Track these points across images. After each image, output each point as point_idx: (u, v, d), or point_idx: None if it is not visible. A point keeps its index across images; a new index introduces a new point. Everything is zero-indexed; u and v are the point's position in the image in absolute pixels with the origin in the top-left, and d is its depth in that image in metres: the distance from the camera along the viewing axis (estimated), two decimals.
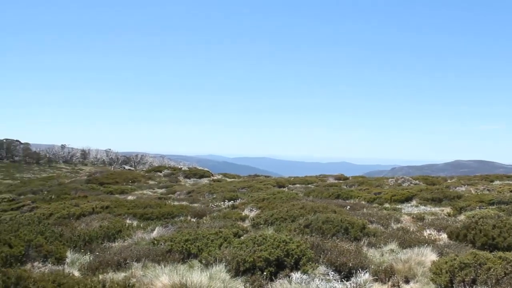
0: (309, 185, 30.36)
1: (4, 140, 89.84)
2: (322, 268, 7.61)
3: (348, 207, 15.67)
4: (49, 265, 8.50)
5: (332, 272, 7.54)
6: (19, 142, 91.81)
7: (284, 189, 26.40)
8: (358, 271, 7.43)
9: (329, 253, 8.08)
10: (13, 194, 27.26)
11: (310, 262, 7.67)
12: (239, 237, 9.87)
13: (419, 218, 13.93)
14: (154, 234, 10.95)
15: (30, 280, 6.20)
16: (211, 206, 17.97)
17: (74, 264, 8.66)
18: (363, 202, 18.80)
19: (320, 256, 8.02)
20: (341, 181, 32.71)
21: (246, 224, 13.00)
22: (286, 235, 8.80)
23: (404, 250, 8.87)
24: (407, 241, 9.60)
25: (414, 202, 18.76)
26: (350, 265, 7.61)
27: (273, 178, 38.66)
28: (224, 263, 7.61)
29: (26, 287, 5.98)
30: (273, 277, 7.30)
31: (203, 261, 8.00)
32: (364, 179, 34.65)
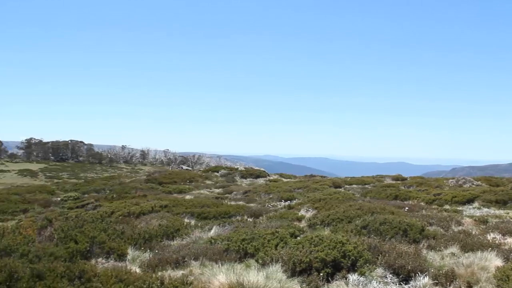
0: (366, 186, 29.89)
1: (70, 141, 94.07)
2: (379, 270, 7.48)
3: (406, 208, 15.33)
4: (112, 261, 8.82)
5: (390, 275, 7.40)
6: (83, 143, 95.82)
7: (341, 189, 26.13)
8: (417, 274, 7.25)
9: (387, 255, 7.93)
10: (78, 192, 28.46)
11: (367, 264, 7.57)
12: (296, 237, 9.85)
13: (482, 221, 13.41)
14: (212, 233, 11.11)
15: (93, 274, 6.47)
16: (267, 206, 18.04)
17: (134, 261, 8.92)
18: (422, 203, 18.32)
19: (377, 258, 7.89)
20: (398, 182, 32.01)
21: (303, 224, 12.97)
22: (343, 236, 8.73)
23: (466, 254, 8.57)
24: (469, 244, 9.27)
25: (476, 204, 18.09)
26: (409, 268, 7.44)
27: (329, 178, 38.28)
28: (280, 263, 7.63)
29: (89, 280, 6.24)
30: (329, 278, 7.26)
31: (260, 261, 8.05)
32: (422, 179, 33.75)
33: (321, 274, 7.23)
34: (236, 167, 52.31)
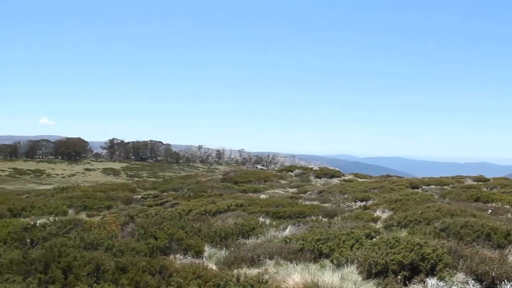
0: (445, 187, 28.74)
1: (149, 142, 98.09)
2: (460, 276, 7.18)
3: (489, 211, 14.60)
4: (189, 257, 9.09)
5: (472, 281, 7.07)
6: (161, 143, 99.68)
7: (418, 190, 25.32)
8: (503, 282, 6.87)
9: (468, 260, 7.59)
10: (157, 191, 29.54)
11: (447, 268, 7.30)
12: (371, 238, 9.69)
13: None
14: (286, 232, 11.15)
15: (173, 269, 6.73)
16: (342, 206, 17.85)
17: (211, 258, 9.14)
18: (507, 206, 17.36)
19: (458, 263, 7.58)
20: (480, 183, 30.51)
21: (378, 225, 12.72)
22: (421, 239, 8.48)
23: None
24: None
25: None
26: (493, 274, 7.07)
27: (406, 178, 37.20)
28: (355, 265, 7.54)
29: (170, 275, 6.50)
30: (406, 282, 7.08)
31: (335, 261, 8.00)
32: (508, 181, 31.93)
33: (398, 277, 7.06)
34: (310, 166, 52.19)
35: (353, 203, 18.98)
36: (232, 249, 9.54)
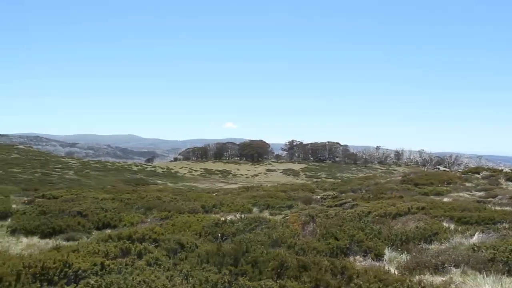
0: None
1: (327, 143, 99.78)
2: None
3: None
4: (369, 260, 9.07)
5: None
6: (339, 144, 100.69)
7: None
8: None
9: None
10: (336, 191, 29.85)
11: None
12: None
13: None
14: (474, 239, 10.45)
15: (354, 271, 6.80)
16: None
17: (391, 261, 8.98)
18: None
19: None
20: None
21: None
22: None
23: None
24: None
25: None
26: None
27: None
28: None
29: (350, 277, 6.58)
30: None
31: None
32: None
33: None
34: (500, 168, 47.79)
35: None
36: (414, 254, 9.24)
